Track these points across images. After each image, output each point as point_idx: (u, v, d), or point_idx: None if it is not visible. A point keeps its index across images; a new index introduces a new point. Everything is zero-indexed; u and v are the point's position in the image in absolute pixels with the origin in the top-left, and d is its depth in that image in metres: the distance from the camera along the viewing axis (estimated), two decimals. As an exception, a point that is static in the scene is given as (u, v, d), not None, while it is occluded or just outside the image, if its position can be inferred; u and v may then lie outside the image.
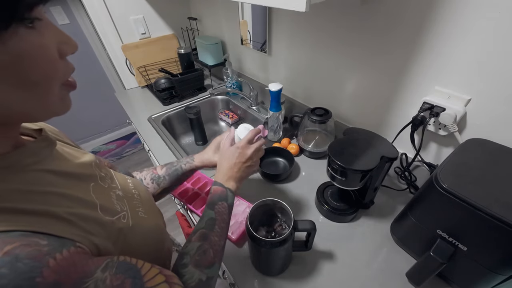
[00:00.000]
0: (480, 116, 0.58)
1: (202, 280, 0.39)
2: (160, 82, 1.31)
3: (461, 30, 0.53)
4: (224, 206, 0.49)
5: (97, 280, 0.25)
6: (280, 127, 0.97)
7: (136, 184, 0.46)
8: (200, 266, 0.40)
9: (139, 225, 0.37)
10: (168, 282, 0.33)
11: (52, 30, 0.25)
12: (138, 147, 2.47)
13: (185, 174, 0.64)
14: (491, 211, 0.40)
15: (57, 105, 0.28)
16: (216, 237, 0.45)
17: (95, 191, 0.34)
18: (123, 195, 0.39)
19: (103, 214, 0.32)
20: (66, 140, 0.42)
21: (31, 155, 0.29)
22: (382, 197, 0.74)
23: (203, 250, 0.42)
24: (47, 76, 0.25)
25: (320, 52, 0.87)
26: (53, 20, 1.67)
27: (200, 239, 0.43)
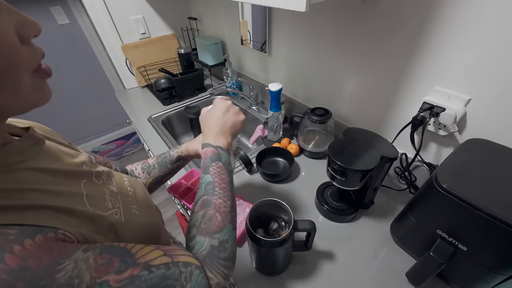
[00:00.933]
0: (480, 116, 0.58)
1: (214, 245, 0.37)
2: (160, 82, 1.31)
3: (461, 30, 0.53)
4: (219, 165, 0.45)
5: (77, 260, 0.25)
6: (280, 127, 0.97)
7: (132, 182, 0.46)
8: (209, 233, 0.38)
9: (131, 221, 0.37)
10: (168, 255, 0.32)
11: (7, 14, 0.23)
12: (138, 147, 2.47)
13: (174, 163, 0.62)
14: (491, 211, 0.40)
15: (33, 95, 0.27)
16: (220, 199, 0.42)
17: (86, 188, 0.34)
18: (117, 192, 0.39)
19: (93, 210, 0.32)
20: (59, 139, 0.41)
21: (16, 154, 0.28)
22: (382, 197, 0.74)
23: (208, 217, 0.40)
24: (10, 65, 0.23)
25: (320, 52, 0.87)
26: (53, 20, 1.67)
27: (202, 207, 0.41)
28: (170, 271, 0.31)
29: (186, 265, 0.33)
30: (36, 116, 0.42)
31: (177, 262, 0.32)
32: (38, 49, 0.27)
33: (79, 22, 1.78)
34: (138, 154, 2.45)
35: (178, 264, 0.32)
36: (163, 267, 0.30)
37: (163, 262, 0.31)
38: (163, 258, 0.31)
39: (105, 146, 2.29)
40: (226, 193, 0.43)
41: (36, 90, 0.27)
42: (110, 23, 1.28)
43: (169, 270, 0.31)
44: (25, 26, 0.25)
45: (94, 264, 0.25)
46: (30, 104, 0.27)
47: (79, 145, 2.12)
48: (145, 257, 0.30)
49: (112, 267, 0.26)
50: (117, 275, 0.26)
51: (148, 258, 0.30)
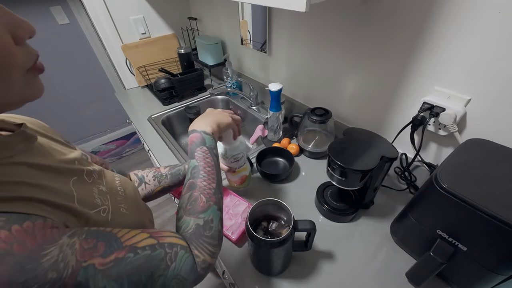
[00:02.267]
0: (480, 116, 0.58)
1: (199, 224, 0.39)
2: (160, 82, 1.31)
3: (461, 30, 0.53)
4: (204, 150, 0.47)
5: (62, 245, 0.25)
6: (280, 127, 0.97)
7: (123, 182, 0.47)
8: (194, 213, 0.40)
9: (118, 220, 0.38)
10: (154, 237, 0.33)
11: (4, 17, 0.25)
12: (138, 147, 2.47)
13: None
14: (491, 211, 0.40)
15: (25, 92, 0.28)
16: (204, 181, 0.44)
17: (75, 185, 0.35)
18: (106, 191, 0.40)
19: (80, 206, 0.32)
20: (55, 136, 0.42)
21: (4, 149, 0.29)
22: (382, 197, 0.74)
23: (193, 198, 0.41)
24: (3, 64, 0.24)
25: (320, 52, 0.87)
26: (53, 20, 1.67)
27: (188, 190, 0.43)
28: (156, 252, 0.32)
29: (172, 246, 0.34)
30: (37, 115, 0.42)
31: (163, 243, 0.33)
32: (33, 50, 0.28)
33: (79, 22, 1.78)
34: (138, 154, 2.45)
35: (163, 245, 0.33)
36: (149, 249, 0.31)
37: (149, 244, 0.32)
38: (149, 240, 0.32)
39: (105, 146, 2.28)
40: (210, 176, 0.45)
41: (28, 86, 0.28)
42: (110, 23, 1.28)
43: (154, 251, 0.32)
44: (19, 28, 0.26)
45: (80, 249, 0.26)
46: (21, 100, 0.28)
47: (79, 145, 2.12)
48: (131, 240, 0.31)
49: (97, 251, 0.27)
50: (102, 258, 0.27)
51: (134, 240, 0.31)
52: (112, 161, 2.36)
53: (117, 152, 2.38)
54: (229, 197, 0.75)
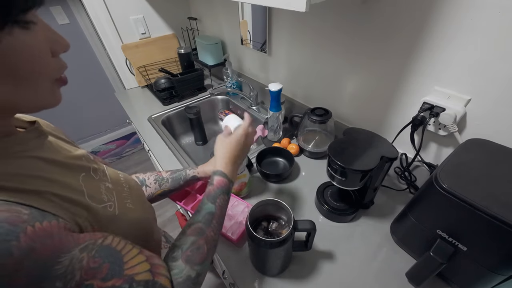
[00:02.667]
0: (480, 116, 0.58)
1: (191, 276, 0.38)
2: (160, 82, 1.31)
3: (461, 30, 0.53)
4: (226, 199, 0.47)
5: (72, 258, 0.26)
6: (280, 127, 0.97)
7: (127, 178, 0.48)
8: (191, 262, 0.39)
9: (126, 214, 0.39)
10: (152, 272, 0.33)
11: (46, 31, 0.28)
12: (138, 147, 2.47)
13: (187, 181, 0.65)
14: (491, 211, 0.40)
15: (47, 99, 0.30)
16: (213, 232, 0.43)
17: (84, 181, 0.36)
18: (112, 188, 0.41)
19: (90, 201, 0.34)
20: (61, 136, 0.43)
21: (20, 144, 0.31)
22: (382, 197, 0.74)
23: (197, 246, 0.41)
24: (37, 72, 0.27)
25: (320, 52, 0.87)
26: (53, 20, 1.67)
27: (195, 234, 0.42)
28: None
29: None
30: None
31: (155, 282, 0.33)
32: (64, 63, 0.31)
33: (79, 22, 1.78)
34: (138, 154, 2.45)
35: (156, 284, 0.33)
36: (143, 285, 0.31)
37: (145, 279, 0.32)
38: (147, 275, 0.32)
39: (105, 146, 2.28)
40: (219, 227, 0.46)
41: (51, 94, 0.30)
42: (110, 23, 1.28)
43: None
44: (57, 43, 0.29)
45: (86, 267, 0.27)
46: (42, 106, 0.30)
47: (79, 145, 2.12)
48: (133, 269, 0.31)
49: (100, 273, 0.28)
50: (102, 282, 0.28)
51: (135, 270, 0.31)
52: (112, 161, 2.36)
53: (117, 152, 2.37)
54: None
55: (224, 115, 1.32)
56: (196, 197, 0.73)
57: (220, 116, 1.35)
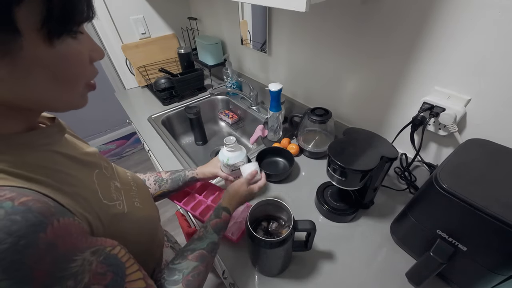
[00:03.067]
0: (480, 116, 0.58)
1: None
2: (160, 82, 1.31)
3: (461, 30, 0.53)
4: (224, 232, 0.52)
5: (85, 259, 0.26)
6: (280, 127, 0.97)
7: (134, 178, 0.49)
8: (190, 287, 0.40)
9: (134, 213, 0.40)
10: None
11: (88, 41, 0.31)
12: (138, 147, 2.47)
13: (186, 182, 0.67)
14: (491, 211, 0.40)
15: (78, 100, 0.32)
16: (212, 260, 0.47)
17: (98, 178, 0.37)
18: (120, 187, 0.42)
19: (102, 198, 0.35)
20: (73, 133, 0.45)
21: (45, 137, 0.32)
22: (382, 197, 0.74)
23: (198, 271, 0.42)
24: (77, 76, 0.30)
25: (320, 52, 0.87)
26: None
27: (198, 260, 0.43)
28: None
29: None
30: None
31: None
32: (96, 69, 0.34)
33: (79, 22, 1.78)
34: (138, 154, 2.45)
35: None
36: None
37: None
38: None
39: (105, 146, 2.28)
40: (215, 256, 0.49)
41: (81, 97, 0.33)
42: (110, 23, 1.28)
43: None
44: (95, 51, 0.32)
45: (94, 270, 0.27)
46: (72, 106, 0.32)
47: (79, 145, 2.11)
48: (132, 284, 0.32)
49: (104, 279, 0.28)
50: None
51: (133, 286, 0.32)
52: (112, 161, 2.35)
53: (117, 152, 2.37)
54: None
55: (224, 115, 1.32)
56: (196, 197, 0.73)
57: (220, 116, 1.35)
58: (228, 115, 1.31)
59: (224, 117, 1.32)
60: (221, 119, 1.36)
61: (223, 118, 1.33)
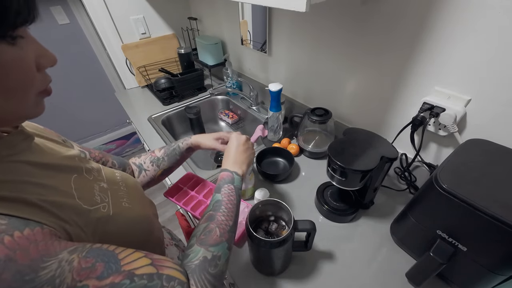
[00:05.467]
0: (480, 117, 0.58)
1: (207, 257, 0.39)
2: (160, 82, 1.31)
3: (461, 30, 0.53)
4: (231, 188, 0.49)
5: (61, 260, 0.25)
6: (280, 127, 0.97)
7: (124, 177, 0.48)
8: (205, 244, 0.40)
9: (122, 214, 0.38)
10: (155, 265, 0.32)
11: (33, 46, 0.28)
12: (138, 147, 2.47)
13: (183, 154, 0.66)
14: (491, 211, 0.40)
15: (30, 110, 0.30)
16: (223, 216, 0.45)
17: (76, 182, 0.35)
18: (107, 187, 0.41)
19: (81, 203, 0.33)
20: (51, 136, 0.43)
21: (7, 148, 0.30)
22: (382, 197, 0.74)
23: (208, 229, 0.42)
24: (22, 86, 0.27)
25: (320, 53, 0.87)
26: (53, 20, 1.67)
27: (206, 220, 0.44)
28: (152, 283, 0.31)
29: (170, 279, 0.33)
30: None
31: (162, 275, 0.32)
32: (48, 77, 0.31)
33: (79, 22, 1.78)
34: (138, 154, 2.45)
35: (162, 276, 0.32)
36: (146, 278, 0.30)
37: (148, 272, 0.31)
38: (149, 268, 0.32)
39: (105, 146, 2.28)
40: (230, 212, 0.46)
41: (34, 106, 0.30)
42: (110, 23, 1.28)
43: (151, 281, 0.31)
44: (44, 57, 0.29)
45: (78, 267, 0.26)
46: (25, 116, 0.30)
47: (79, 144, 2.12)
48: (131, 265, 0.30)
49: (94, 272, 0.27)
50: (98, 281, 0.27)
51: (133, 266, 0.30)
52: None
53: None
54: (228, 198, 0.74)
55: (224, 115, 1.32)
56: (195, 197, 0.73)
57: (220, 116, 1.35)
58: (228, 115, 1.31)
59: (224, 117, 1.32)
60: (221, 119, 1.36)
61: (223, 118, 1.33)
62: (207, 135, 0.66)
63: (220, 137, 0.66)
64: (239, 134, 0.61)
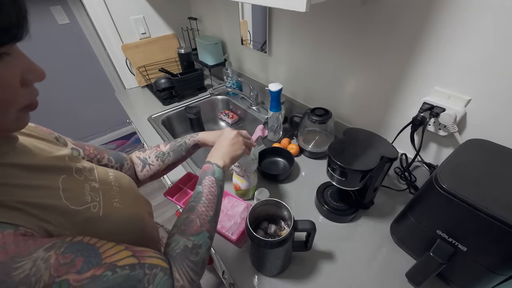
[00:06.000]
0: (480, 117, 0.58)
1: (188, 246, 0.40)
2: (160, 82, 1.31)
3: (461, 31, 0.53)
4: (211, 179, 0.50)
5: (36, 259, 0.25)
6: (280, 127, 0.97)
7: (118, 177, 0.48)
8: (186, 234, 0.41)
9: (112, 214, 0.39)
10: (136, 256, 0.33)
11: (21, 61, 0.27)
12: (138, 147, 2.47)
13: (189, 151, 0.67)
14: (491, 211, 0.40)
15: (12, 126, 0.29)
16: (203, 207, 0.45)
17: (64, 183, 0.35)
18: (99, 187, 0.41)
19: (68, 203, 0.33)
20: (42, 135, 0.42)
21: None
22: (382, 197, 0.74)
23: (189, 220, 0.43)
24: (3, 103, 0.26)
25: (320, 53, 0.87)
26: (53, 20, 1.67)
27: (187, 212, 0.45)
28: (135, 272, 0.31)
29: (152, 267, 0.33)
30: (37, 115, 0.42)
31: (144, 264, 0.33)
32: (35, 91, 0.30)
33: (79, 22, 1.78)
34: (138, 153, 2.45)
35: (144, 265, 0.33)
36: (128, 268, 0.31)
37: (129, 263, 0.31)
38: (130, 259, 0.32)
39: (105, 146, 2.28)
40: (211, 203, 0.47)
41: (16, 121, 0.29)
42: (110, 23, 1.28)
43: (133, 271, 0.31)
44: (32, 72, 0.28)
45: (55, 263, 0.26)
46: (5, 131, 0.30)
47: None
48: (112, 257, 0.30)
49: (74, 266, 0.27)
50: (78, 274, 0.27)
51: (115, 258, 0.31)
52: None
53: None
54: (227, 198, 0.75)
55: (224, 115, 1.32)
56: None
57: (220, 116, 1.35)
58: (228, 115, 1.31)
59: (224, 117, 1.32)
60: (221, 119, 1.36)
61: (223, 118, 1.33)
62: (214, 133, 0.67)
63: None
64: (230, 129, 0.61)
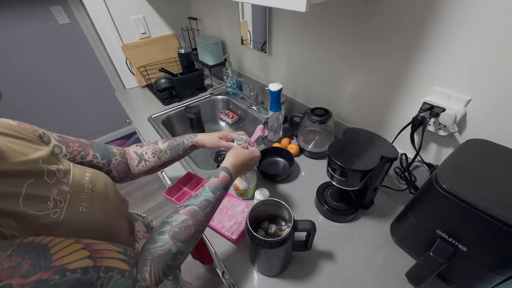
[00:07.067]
0: (480, 117, 0.58)
1: (171, 251, 0.40)
2: (160, 82, 1.31)
3: (461, 30, 0.53)
4: (223, 194, 0.50)
5: None
6: (280, 127, 0.97)
7: (94, 178, 0.46)
8: (176, 238, 0.41)
9: (74, 219, 0.37)
10: (92, 257, 0.32)
11: None
12: (138, 147, 2.47)
13: (186, 150, 0.67)
14: (491, 211, 0.40)
15: None
16: (204, 217, 0.45)
17: (29, 187, 0.35)
18: (68, 191, 0.40)
19: (26, 209, 0.33)
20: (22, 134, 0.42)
21: None
22: (382, 197, 0.74)
23: (186, 224, 0.43)
24: None
25: (321, 52, 0.87)
26: (53, 20, 1.67)
27: (188, 214, 0.44)
28: (87, 276, 0.30)
29: (108, 270, 0.32)
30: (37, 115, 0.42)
31: (99, 267, 0.32)
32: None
33: (80, 21, 1.78)
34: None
35: (99, 268, 0.31)
36: (80, 272, 0.30)
37: (83, 266, 0.30)
38: (85, 261, 0.31)
39: (105, 146, 2.29)
40: (210, 216, 0.48)
41: None
42: (110, 23, 1.28)
43: (86, 275, 0.30)
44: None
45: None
46: None
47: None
48: (64, 259, 0.29)
49: (18, 270, 0.26)
50: (23, 278, 0.26)
51: (66, 260, 0.29)
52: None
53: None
54: (227, 198, 0.75)
55: (224, 115, 1.32)
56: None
57: (220, 116, 1.35)
58: (228, 115, 1.31)
59: (224, 117, 1.32)
60: (221, 119, 1.36)
61: (223, 118, 1.33)
62: (212, 135, 0.67)
63: (224, 135, 0.67)
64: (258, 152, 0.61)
